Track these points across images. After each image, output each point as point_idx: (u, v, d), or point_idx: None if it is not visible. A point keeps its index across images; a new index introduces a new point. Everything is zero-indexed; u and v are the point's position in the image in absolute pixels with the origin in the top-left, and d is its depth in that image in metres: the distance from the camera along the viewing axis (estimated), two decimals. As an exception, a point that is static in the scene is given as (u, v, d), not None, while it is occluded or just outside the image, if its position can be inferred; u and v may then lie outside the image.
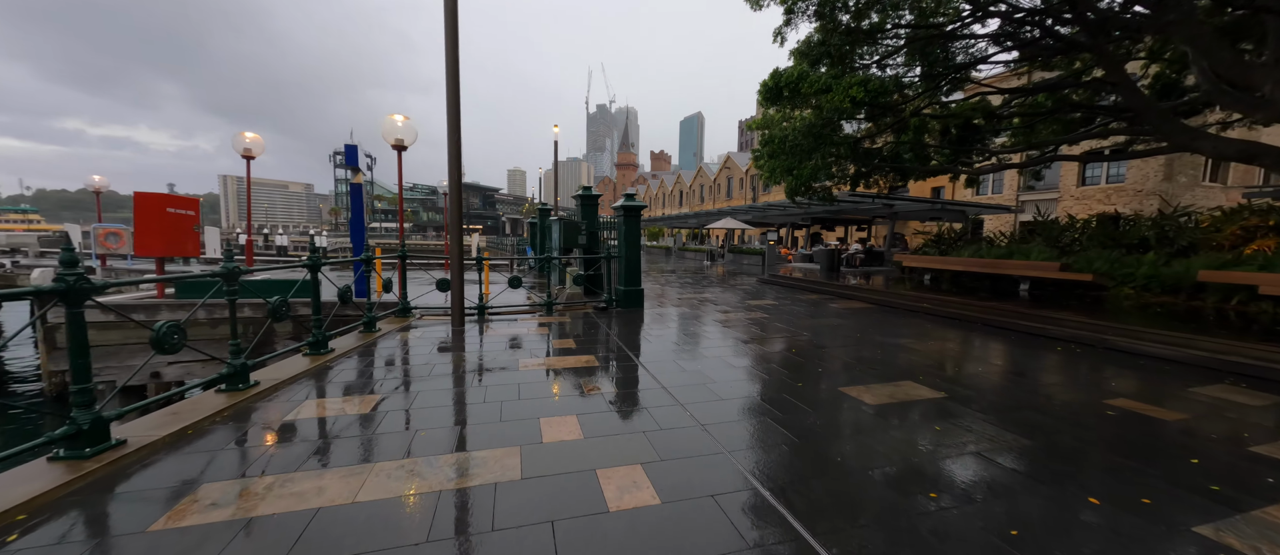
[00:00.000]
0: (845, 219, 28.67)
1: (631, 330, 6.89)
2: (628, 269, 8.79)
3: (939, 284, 12.41)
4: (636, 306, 8.86)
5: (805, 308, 9.21)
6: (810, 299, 10.47)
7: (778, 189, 42.44)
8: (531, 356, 5.26)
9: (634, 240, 8.79)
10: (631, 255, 8.77)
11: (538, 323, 7.38)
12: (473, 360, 5.07)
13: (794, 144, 10.78)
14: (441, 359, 5.10)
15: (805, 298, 10.74)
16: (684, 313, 8.55)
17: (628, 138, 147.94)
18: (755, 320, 7.76)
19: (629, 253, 8.76)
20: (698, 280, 15.05)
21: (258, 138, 9.82)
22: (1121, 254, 10.07)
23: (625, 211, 8.69)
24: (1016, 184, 24.12)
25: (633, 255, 8.78)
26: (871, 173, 15.72)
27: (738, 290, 12.37)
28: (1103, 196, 20.34)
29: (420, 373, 4.56)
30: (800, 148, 10.76)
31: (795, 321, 7.72)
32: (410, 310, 7.54)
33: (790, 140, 10.64)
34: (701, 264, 24.72)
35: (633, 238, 8.77)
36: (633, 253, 8.77)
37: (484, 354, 5.36)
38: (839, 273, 16.21)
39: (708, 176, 59.05)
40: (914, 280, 13.58)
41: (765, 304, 9.66)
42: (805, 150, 10.84)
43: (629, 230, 8.75)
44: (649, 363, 5.06)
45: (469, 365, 4.87)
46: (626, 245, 8.74)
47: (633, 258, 8.79)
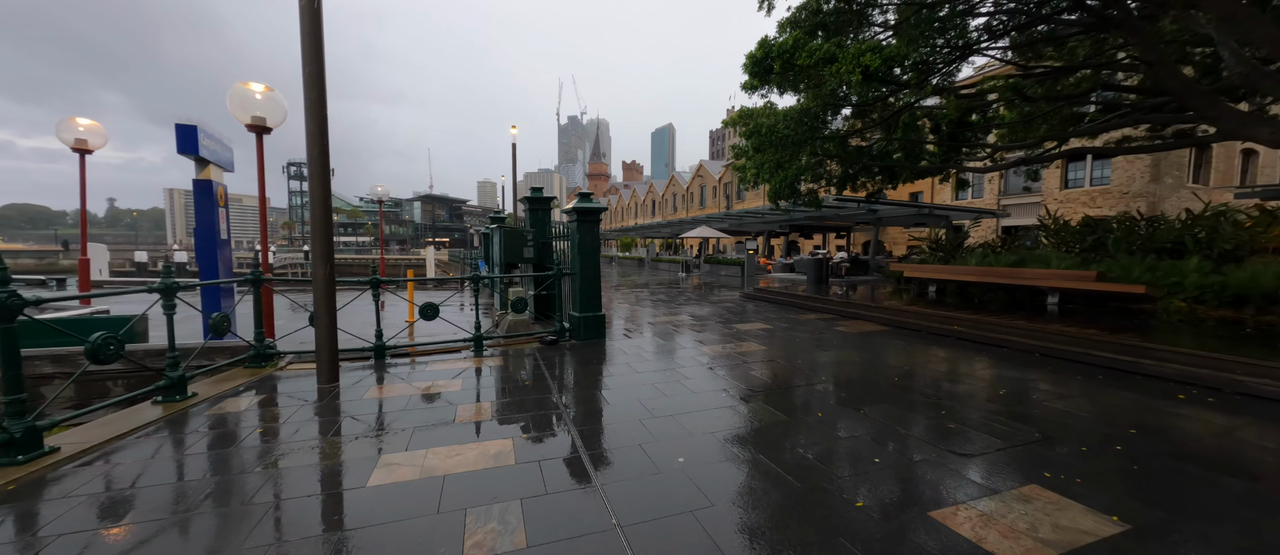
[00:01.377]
0: (825, 226, 27.53)
1: (586, 380, 4.94)
2: (584, 290, 6.85)
3: (943, 296, 10.95)
4: (596, 337, 6.92)
5: (806, 333, 7.44)
6: (808, 320, 8.75)
7: (754, 195, 41.34)
8: (413, 444, 3.24)
9: (591, 252, 6.86)
10: (588, 271, 6.84)
11: (458, 369, 5.34)
12: (300, 460, 3.01)
13: (783, 136, 9.12)
14: (248, 454, 3.03)
15: (801, 318, 9.01)
16: (659, 346, 6.64)
17: (599, 148, 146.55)
18: (752, 357, 5.91)
19: (585, 268, 6.82)
20: (673, 295, 13.23)
21: (95, 125, 7.47)
22: (1153, 260, 8.73)
23: (580, 215, 6.76)
24: (997, 187, 23.46)
25: (590, 271, 6.85)
26: (858, 175, 14.35)
27: (719, 308, 10.57)
28: (1087, 199, 19.72)
29: (189, 496, 2.49)
30: (790, 140, 9.10)
31: (803, 358, 5.91)
32: (270, 355, 5.38)
33: (779, 131, 8.97)
34: (676, 276, 22.97)
35: (589, 249, 6.85)
36: (589, 268, 6.84)
37: (330, 443, 3.30)
38: (827, 284, 14.68)
39: (680, 185, 57.81)
40: (912, 291, 12.13)
41: (756, 329, 7.87)
42: (796, 143, 9.20)
43: (585, 240, 6.83)
44: (614, 452, 3.13)
45: (288, 475, 2.82)
46: (582, 259, 6.80)
47: (590, 274, 6.85)
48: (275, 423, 3.72)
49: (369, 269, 57.08)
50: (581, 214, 6.76)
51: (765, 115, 9.36)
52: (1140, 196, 18.21)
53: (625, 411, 3.94)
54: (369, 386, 4.67)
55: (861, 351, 6.11)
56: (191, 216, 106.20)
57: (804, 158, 10.35)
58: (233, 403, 4.17)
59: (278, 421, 3.75)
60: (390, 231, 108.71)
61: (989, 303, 9.90)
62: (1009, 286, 9.80)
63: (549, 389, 4.58)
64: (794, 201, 14.31)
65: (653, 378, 4.95)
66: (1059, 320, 7.30)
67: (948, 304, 9.69)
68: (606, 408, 4.06)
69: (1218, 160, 19.40)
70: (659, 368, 5.36)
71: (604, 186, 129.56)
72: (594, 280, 6.90)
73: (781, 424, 3.64)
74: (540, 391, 4.50)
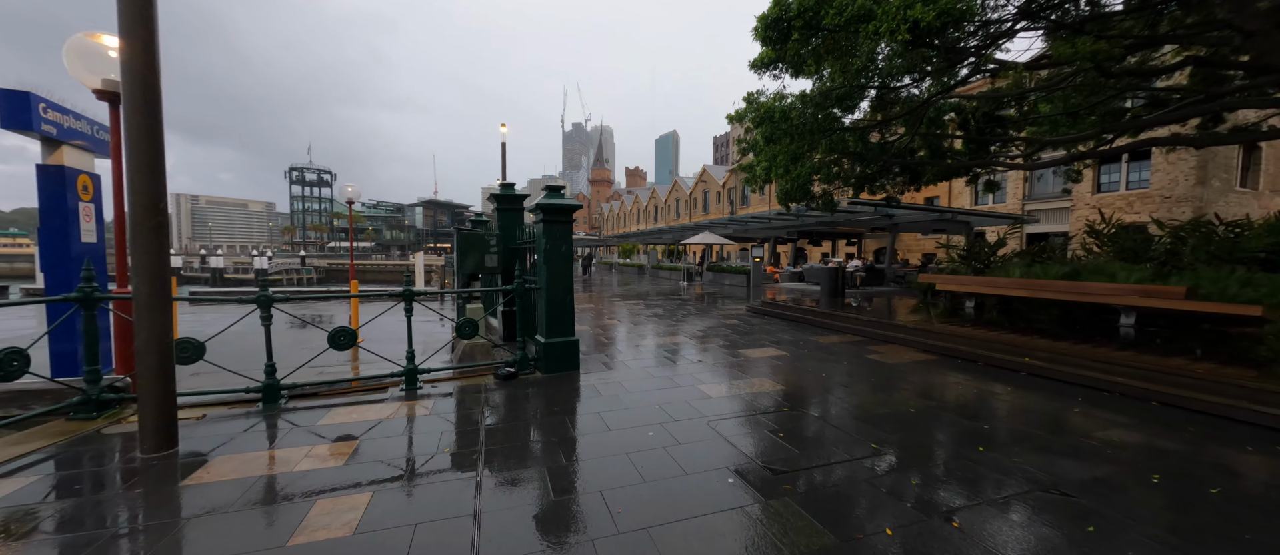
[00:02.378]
0: (836, 232, 26.03)
1: (533, 445, 3.48)
2: (552, 309, 5.41)
3: (981, 313, 9.44)
4: (567, 369, 5.47)
5: (835, 365, 5.96)
6: (831, 344, 7.26)
7: (759, 200, 39.66)
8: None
9: (560, 262, 5.42)
10: (557, 285, 5.40)
11: (369, 422, 3.89)
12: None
13: (798, 124, 7.67)
14: None
15: (822, 340, 7.53)
16: (646, 383, 5.17)
17: (602, 154, 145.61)
18: (768, 406, 4.44)
19: (554, 282, 5.38)
20: (672, 308, 11.76)
21: None
22: (1244, 273, 7.21)
23: (546, 215, 5.34)
24: (1022, 192, 21.91)
25: (559, 285, 5.41)
26: (877, 175, 12.90)
27: (723, 325, 9.08)
28: (1124, 204, 18.16)
29: None
30: (807, 129, 7.66)
31: (839, 406, 4.43)
32: (109, 402, 3.94)
33: (794, 118, 7.52)
34: (677, 284, 21.51)
35: (558, 257, 5.41)
36: (559, 281, 5.40)
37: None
38: (844, 296, 13.18)
39: (683, 191, 56.50)
40: (941, 306, 10.61)
41: (769, 357, 6.39)
42: (813, 132, 7.76)
43: (553, 245, 5.39)
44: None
45: None
46: (549, 269, 5.37)
47: (559, 289, 5.41)
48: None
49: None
50: (548, 213, 5.33)
51: (779, 99, 7.92)
52: (1185, 201, 16.66)
53: (579, 516, 2.47)
54: (215, 457, 3.22)
55: (917, 395, 4.62)
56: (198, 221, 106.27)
57: (819, 153, 8.91)
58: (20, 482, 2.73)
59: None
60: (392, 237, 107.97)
61: (1036, 321, 8.40)
62: (1064, 303, 8.29)
63: (474, 461, 3.13)
64: (807, 204, 12.86)
65: (631, 440, 3.48)
66: (1145, 348, 5.77)
67: (991, 322, 8.18)
68: (547, 506, 2.59)
69: (1268, 162, 17.87)
70: (642, 422, 3.89)
71: (607, 192, 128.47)
72: (564, 296, 5.45)
73: (830, 553, 2.16)
74: (461, 468, 3.05)
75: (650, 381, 5.13)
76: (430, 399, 4.53)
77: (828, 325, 8.63)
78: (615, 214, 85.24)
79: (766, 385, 4.96)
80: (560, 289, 5.43)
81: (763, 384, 5.00)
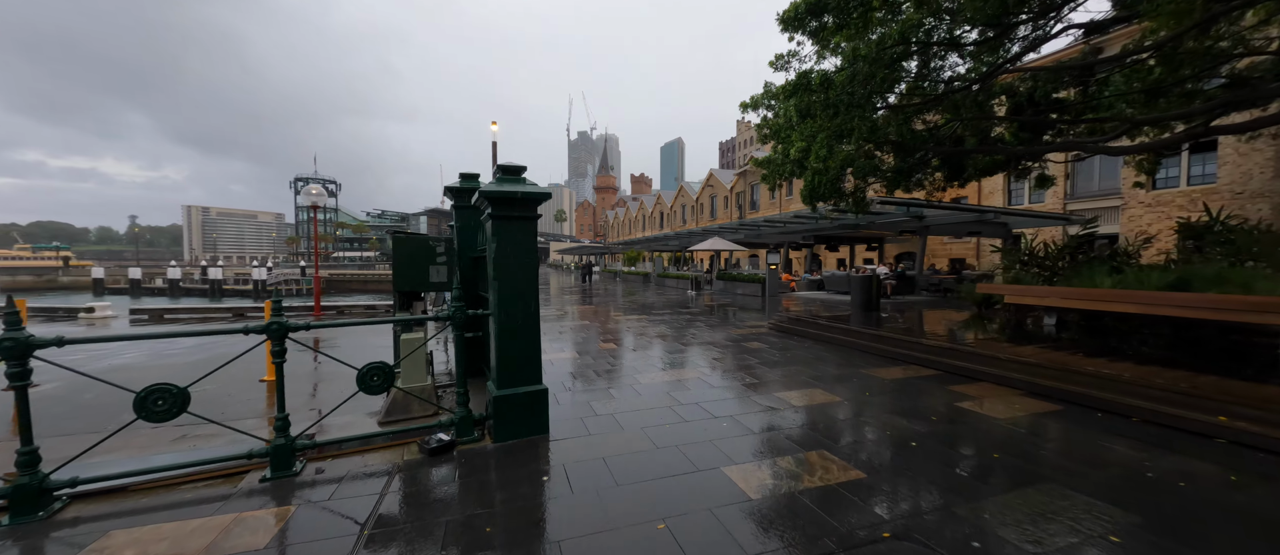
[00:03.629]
0: (855, 237, 24.18)
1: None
2: (506, 345, 3.69)
3: (1062, 330, 7.59)
4: (529, 433, 3.74)
5: (921, 425, 4.16)
6: (895, 380, 5.47)
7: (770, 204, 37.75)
8: None
9: (518, 275, 3.71)
10: (513, 312, 3.68)
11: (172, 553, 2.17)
12: None
13: (845, 94, 5.92)
14: None
15: (880, 373, 5.73)
16: (650, 464, 3.41)
17: (607, 161, 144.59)
18: (856, 515, 2.68)
19: (509, 307, 3.67)
20: (679, 326, 9.99)
21: None
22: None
23: (495, 205, 3.63)
24: (1063, 189, 19.95)
25: (515, 312, 3.69)
26: (913, 170, 11.17)
27: (745, 351, 7.30)
28: (1185, 202, 16.19)
29: None
30: (855, 100, 5.92)
31: (973, 521, 2.64)
32: None
33: (842, 81, 5.78)
34: (684, 294, 19.74)
35: (516, 270, 3.70)
36: (515, 307, 3.69)
37: None
38: (879, 309, 11.36)
39: (690, 196, 54.84)
40: (1002, 321, 8.76)
41: (822, 403, 4.62)
42: (863, 104, 6.02)
43: (508, 251, 3.69)
44: None
45: None
46: (501, 287, 3.66)
47: (515, 318, 3.69)
48: None
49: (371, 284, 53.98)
50: (499, 205, 3.62)
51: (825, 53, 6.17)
52: (1261, 196, 14.69)
53: None
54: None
55: (1117, 502, 2.82)
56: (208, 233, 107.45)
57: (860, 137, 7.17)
58: None
59: None
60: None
61: (1138, 342, 6.56)
62: (1176, 320, 6.45)
63: None
64: (835, 203, 11.08)
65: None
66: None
67: (1082, 345, 6.33)
68: None
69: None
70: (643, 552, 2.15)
71: (612, 199, 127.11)
72: (525, 326, 3.73)
73: None
74: None
75: (652, 460, 3.37)
76: (295, 499, 2.81)
77: (878, 351, 6.82)
78: (620, 221, 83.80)
79: (833, 469, 3.18)
80: (519, 315, 3.71)
81: (827, 468, 3.22)
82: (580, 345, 7.86)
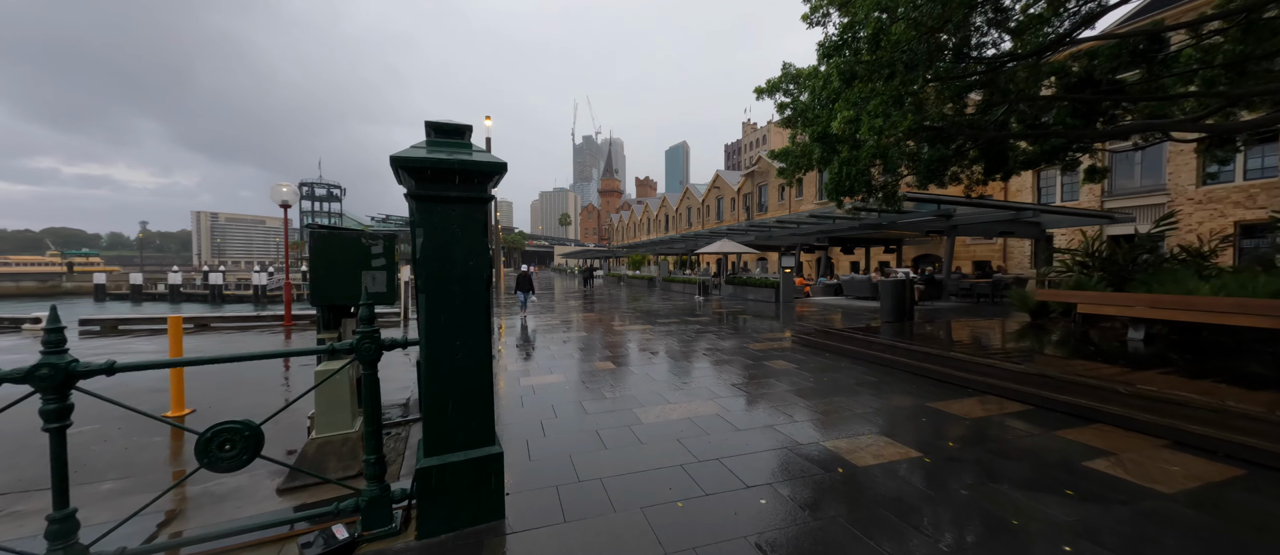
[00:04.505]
0: (871, 239, 22.83)
1: None
2: (438, 390, 2.47)
3: (1150, 343, 6.27)
4: (473, 521, 2.50)
5: (1049, 507, 2.90)
6: (976, 420, 4.21)
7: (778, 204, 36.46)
8: None
9: (457, 290, 2.49)
10: (448, 345, 2.46)
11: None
12: None
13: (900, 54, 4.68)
14: None
15: (949, 408, 4.47)
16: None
17: (611, 164, 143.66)
18: None
19: (440, 338, 2.45)
20: (687, 338, 8.74)
21: None
22: None
23: (418, 179, 2.42)
24: (1100, 186, 18.55)
25: (457, 343, 2.47)
26: (948, 161, 9.98)
27: (770, 373, 6.05)
28: (1241, 198, 14.76)
29: None
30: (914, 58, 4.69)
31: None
32: None
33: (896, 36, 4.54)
34: (691, 300, 18.48)
35: (454, 282, 2.48)
36: (456, 337, 2.47)
37: None
38: (912, 318, 10.06)
39: (695, 198, 53.63)
40: (1063, 331, 7.45)
41: (892, 460, 3.38)
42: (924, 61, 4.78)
43: (440, 253, 2.47)
44: None
45: None
46: (431, 300, 2.44)
47: (457, 348, 2.47)
48: None
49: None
50: (426, 179, 2.42)
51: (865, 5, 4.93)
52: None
53: None
54: None
55: None
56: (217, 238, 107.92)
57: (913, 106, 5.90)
58: None
59: None
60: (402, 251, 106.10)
61: (1243, 361, 5.23)
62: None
63: None
64: (866, 198, 9.87)
65: None
66: None
67: (1176, 364, 5.00)
68: None
69: None
70: None
71: (616, 203, 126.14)
72: (468, 361, 2.52)
73: None
74: None
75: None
76: None
77: (934, 373, 5.54)
78: (625, 224, 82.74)
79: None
80: (459, 346, 2.49)
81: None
82: (572, 365, 6.64)
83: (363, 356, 2.45)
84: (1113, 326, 7.71)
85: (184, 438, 4.07)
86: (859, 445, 3.55)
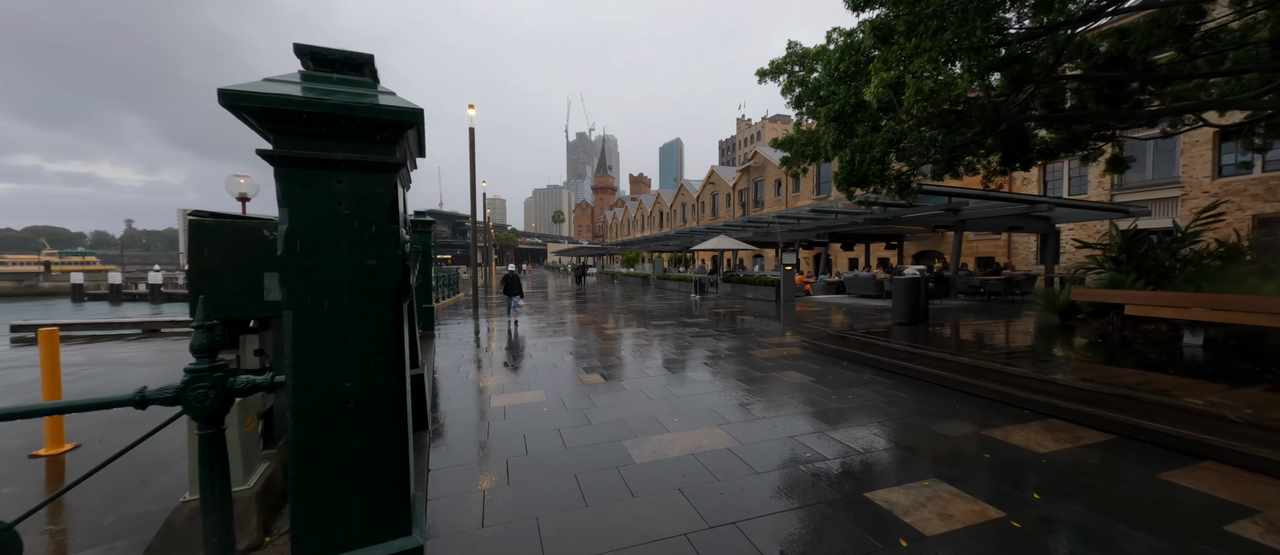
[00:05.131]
0: (873, 234, 22.11)
1: None
2: (315, 454, 1.57)
3: (1209, 349, 5.51)
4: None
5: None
6: (1050, 455, 3.41)
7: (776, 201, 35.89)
8: None
9: (345, 303, 1.60)
10: (334, 386, 1.57)
11: None
12: None
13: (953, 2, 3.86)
14: None
15: (1012, 438, 3.66)
16: None
17: (605, 161, 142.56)
18: None
19: (314, 376, 1.56)
20: (685, 342, 7.90)
21: None
22: None
23: (278, 131, 1.52)
24: (1110, 178, 17.91)
25: (345, 383, 1.58)
26: (963, 150, 9.28)
27: (784, 390, 5.22)
28: (1260, 190, 14.15)
29: None
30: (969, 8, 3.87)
31: None
32: None
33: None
34: (687, 298, 17.65)
35: (337, 292, 1.59)
36: (344, 373, 1.58)
37: None
38: (928, 318, 9.29)
39: (690, 194, 52.81)
40: (1089, 334, 6.68)
41: (968, 525, 2.55)
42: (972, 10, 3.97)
43: (311, 242, 1.58)
44: None
45: None
46: (300, 329, 1.55)
47: (345, 390, 1.58)
48: None
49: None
50: (292, 129, 1.52)
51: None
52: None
53: None
54: None
55: None
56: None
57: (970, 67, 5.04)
58: None
59: None
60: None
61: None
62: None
63: None
64: (878, 189, 9.14)
65: None
66: None
67: (1250, 373, 4.21)
68: None
69: None
70: None
71: (610, 200, 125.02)
72: (379, 411, 1.63)
73: None
74: None
75: None
76: None
77: (979, 390, 4.73)
78: (619, 221, 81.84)
79: None
80: (346, 386, 1.61)
81: None
82: (555, 378, 5.77)
83: (194, 408, 1.57)
84: (1157, 330, 6.96)
85: (65, 474, 3.18)
86: (918, 499, 2.72)
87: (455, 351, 7.59)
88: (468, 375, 5.97)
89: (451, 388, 5.37)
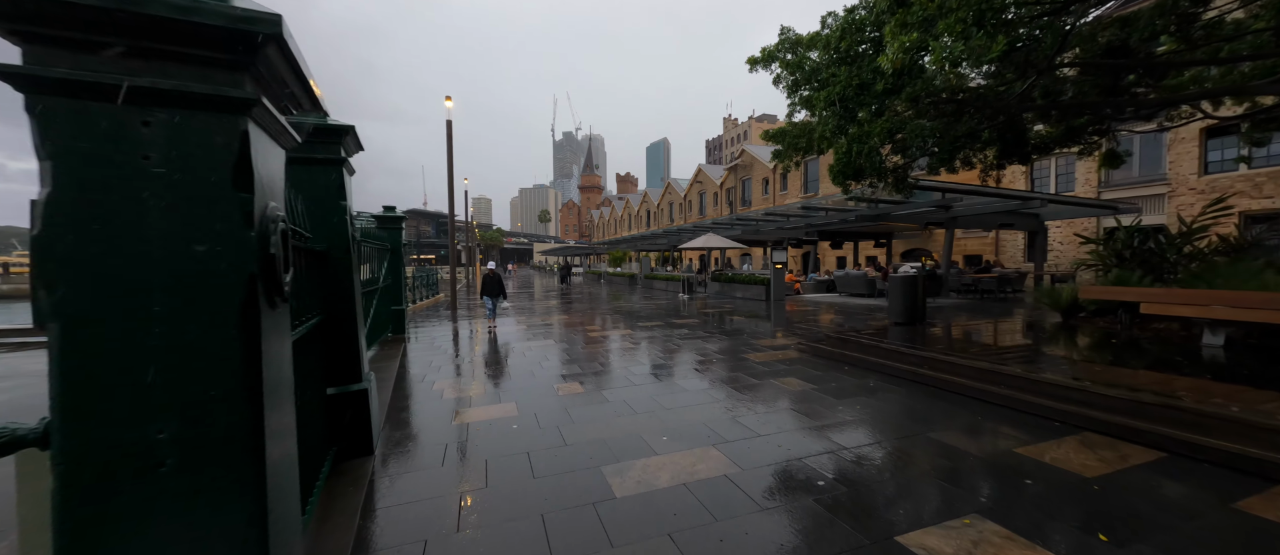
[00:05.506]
0: (862, 232, 21.87)
1: None
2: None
3: (1231, 351, 5.17)
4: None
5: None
6: (1102, 479, 2.97)
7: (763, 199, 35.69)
8: None
9: (157, 311, 1.01)
10: (130, 448, 0.98)
11: None
12: None
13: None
14: None
15: (1046, 454, 3.21)
16: None
17: (592, 160, 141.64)
18: None
19: (95, 432, 0.97)
20: (673, 345, 7.37)
21: None
22: None
23: (27, 37, 0.92)
24: (1097, 175, 17.86)
25: (149, 441, 0.99)
26: (960, 144, 8.98)
27: (777, 393, 4.73)
28: (1248, 186, 14.13)
29: None
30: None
31: None
32: None
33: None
34: (675, 298, 17.15)
35: (148, 293, 1.00)
36: (148, 437, 0.99)
37: None
38: (926, 318, 8.92)
39: (677, 193, 52.41)
40: (1095, 334, 6.34)
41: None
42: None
43: (92, 213, 0.98)
44: None
45: None
46: (71, 361, 0.96)
47: (158, 449, 0.99)
48: None
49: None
50: (59, 37, 0.93)
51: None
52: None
53: None
54: None
55: None
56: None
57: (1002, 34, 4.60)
58: None
59: None
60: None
61: None
62: None
63: None
64: (875, 183, 8.79)
65: None
66: None
67: (1246, 370, 3.85)
68: None
69: None
70: None
71: (597, 199, 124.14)
72: (219, 481, 1.04)
73: None
74: None
75: None
76: None
77: (1001, 399, 4.29)
78: (606, 220, 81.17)
79: None
80: (160, 438, 1.03)
81: None
82: (531, 387, 5.19)
83: None
84: (1168, 329, 6.64)
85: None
86: (962, 545, 2.22)
87: (424, 357, 6.95)
88: (432, 385, 5.35)
89: (412, 400, 4.76)
